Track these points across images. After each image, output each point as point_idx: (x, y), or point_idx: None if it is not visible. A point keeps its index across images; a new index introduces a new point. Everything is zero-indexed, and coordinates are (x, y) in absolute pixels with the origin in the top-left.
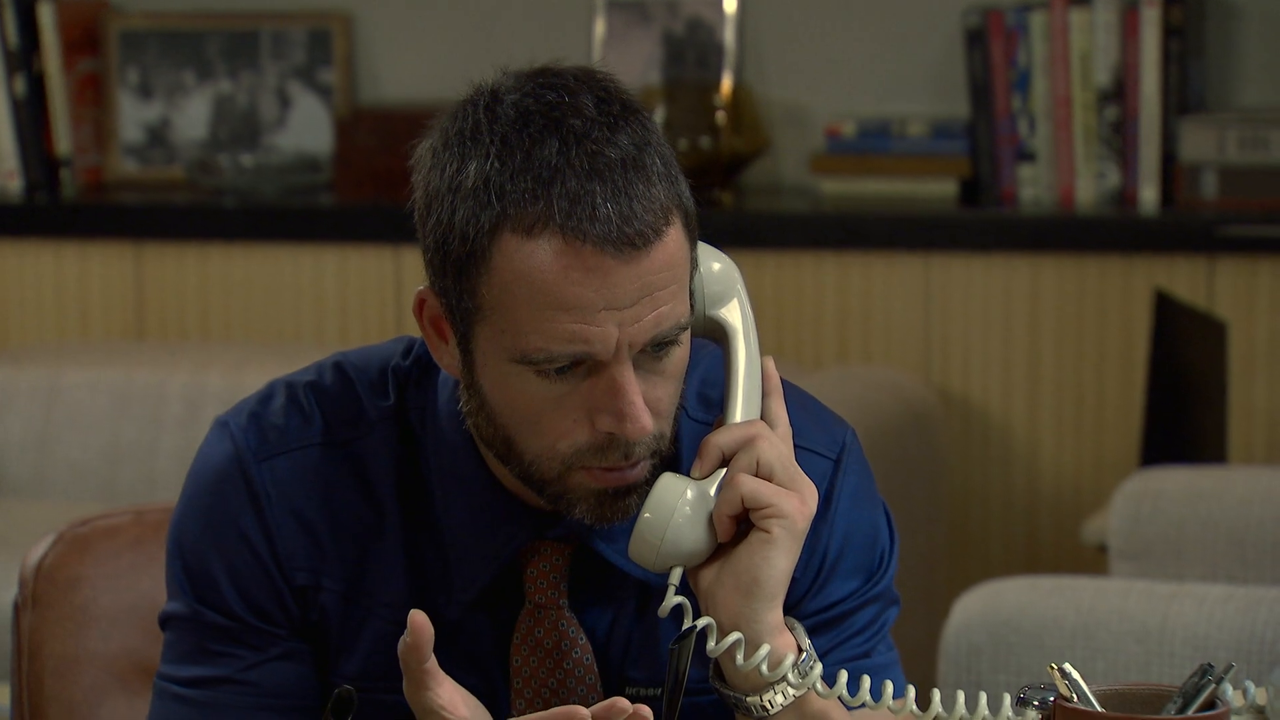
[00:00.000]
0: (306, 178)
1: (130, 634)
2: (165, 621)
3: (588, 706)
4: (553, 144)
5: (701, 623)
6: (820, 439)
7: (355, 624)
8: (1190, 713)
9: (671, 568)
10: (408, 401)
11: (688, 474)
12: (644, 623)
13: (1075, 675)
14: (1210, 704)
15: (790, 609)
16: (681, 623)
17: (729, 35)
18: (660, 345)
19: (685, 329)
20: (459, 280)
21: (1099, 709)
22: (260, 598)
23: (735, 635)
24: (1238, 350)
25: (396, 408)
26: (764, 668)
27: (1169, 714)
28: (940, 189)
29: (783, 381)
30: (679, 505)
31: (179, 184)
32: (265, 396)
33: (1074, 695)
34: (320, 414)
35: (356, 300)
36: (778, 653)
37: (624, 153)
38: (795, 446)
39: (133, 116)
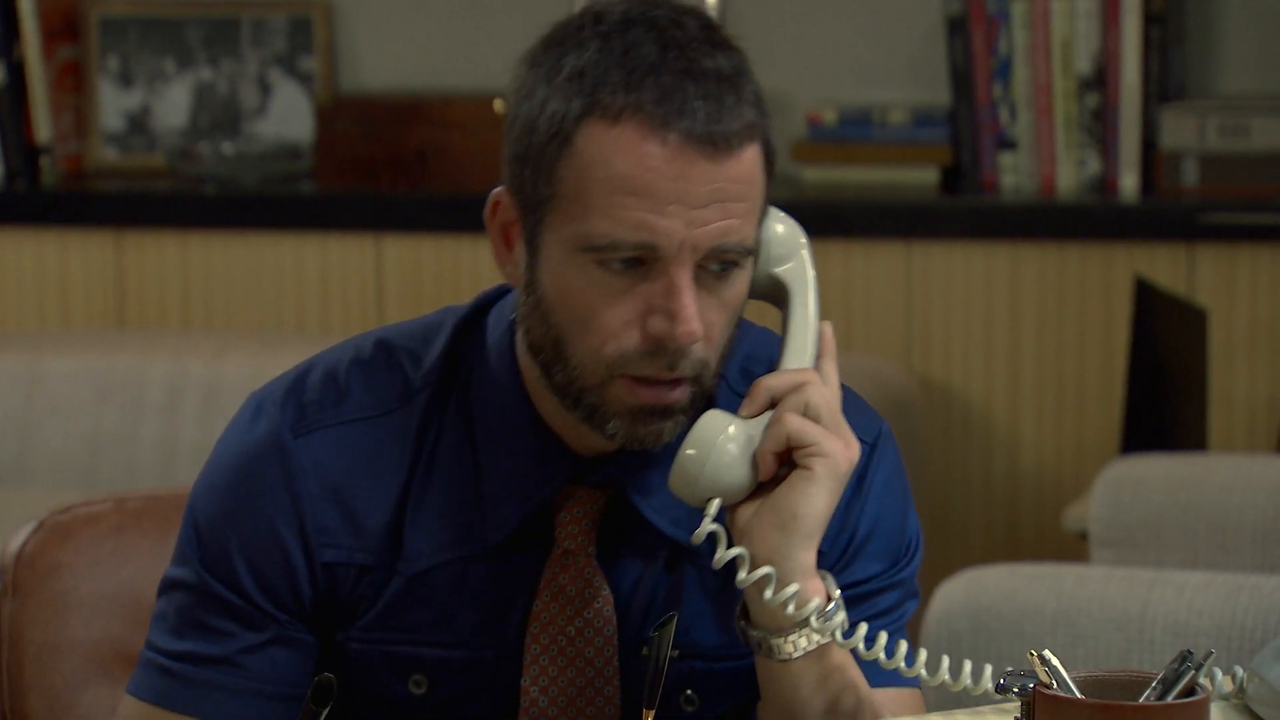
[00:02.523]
0: (287, 166)
1: (111, 622)
2: (167, 587)
3: (603, 659)
4: (653, 47)
5: (734, 552)
6: (858, 423)
7: (378, 588)
8: (1170, 699)
9: (709, 500)
10: (461, 342)
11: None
12: (670, 583)
13: (1055, 662)
14: (1190, 691)
15: None
16: (714, 551)
17: None
18: (723, 265)
19: (750, 254)
20: (538, 168)
21: (1079, 696)
22: (273, 577)
23: (766, 569)
24: (1218, 338)
25: (447, 352)
26: (790, 606)
27: (1149, 701)
28: (921, 177)
29: None
30: (721, 440)
31: (159, 172)
32: (301, 373)
33: (1054, 682)
34: (359, 388)
35: (337, 288)
36: (806, 593)
37: (720, 67)
38: None
39: (113, 104)
